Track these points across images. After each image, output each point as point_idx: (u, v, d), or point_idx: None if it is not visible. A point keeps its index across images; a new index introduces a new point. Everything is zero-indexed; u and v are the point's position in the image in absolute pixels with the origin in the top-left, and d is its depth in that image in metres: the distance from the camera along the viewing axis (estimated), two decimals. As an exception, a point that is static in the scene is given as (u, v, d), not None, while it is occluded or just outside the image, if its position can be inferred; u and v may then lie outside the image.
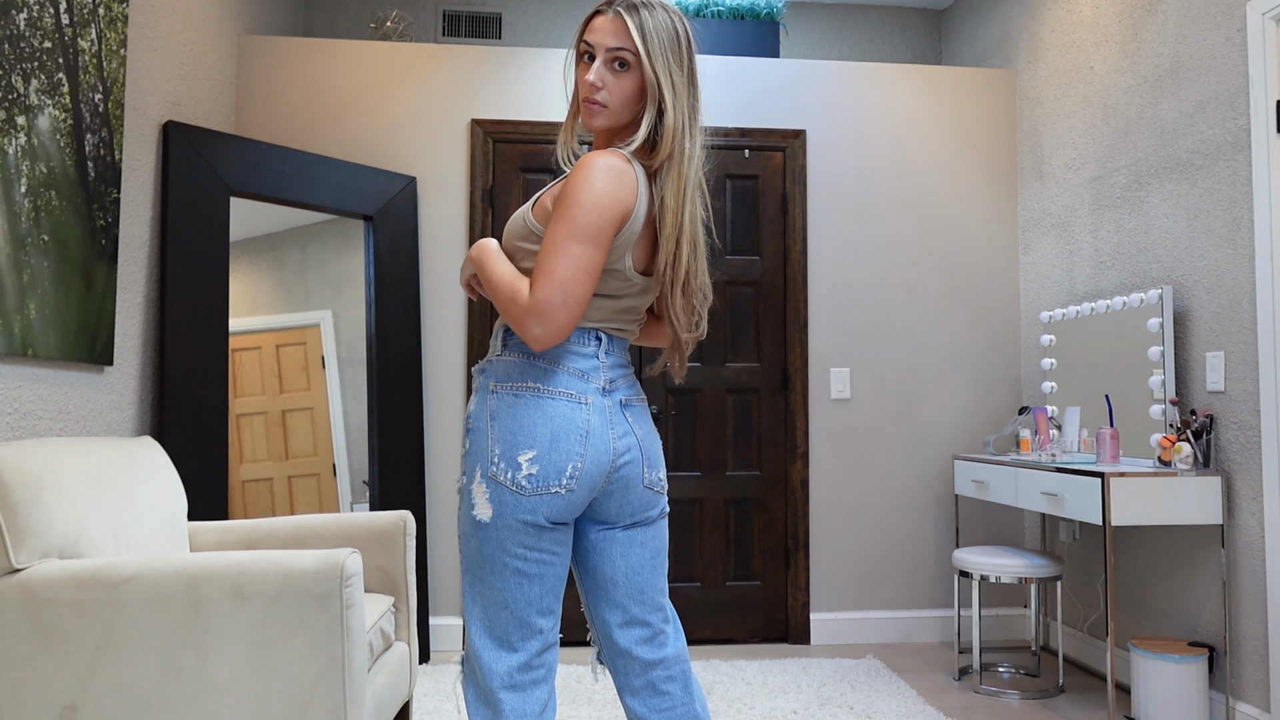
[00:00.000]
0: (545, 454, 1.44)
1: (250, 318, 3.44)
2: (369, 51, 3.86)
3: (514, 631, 1.47)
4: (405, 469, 3.61)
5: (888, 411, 3.99)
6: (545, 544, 1.47)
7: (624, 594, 1.56)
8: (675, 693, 1.56)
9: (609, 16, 1.50)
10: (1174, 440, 2.87)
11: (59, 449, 2.04)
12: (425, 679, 3.30)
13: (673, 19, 1.52)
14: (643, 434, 1.56)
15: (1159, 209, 3.17)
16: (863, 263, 4.02)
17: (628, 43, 1.48)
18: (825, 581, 3.92)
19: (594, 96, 1.50)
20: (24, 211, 2.31)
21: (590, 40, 1.51)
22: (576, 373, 1.49)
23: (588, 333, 1.52)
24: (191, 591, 1.83)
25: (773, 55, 4.11)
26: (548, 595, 1.49)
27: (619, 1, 1.51)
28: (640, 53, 1.48)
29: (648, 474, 1.56)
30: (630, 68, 1.50)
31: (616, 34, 1.49)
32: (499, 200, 3.88)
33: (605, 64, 1.50)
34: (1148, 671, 2.83)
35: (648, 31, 1.48)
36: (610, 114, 1.52)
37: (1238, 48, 2.82)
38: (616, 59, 1.49)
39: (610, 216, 1.43)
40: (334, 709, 1.84)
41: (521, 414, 1.46)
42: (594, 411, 1.48)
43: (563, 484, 1.45)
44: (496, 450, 1.46)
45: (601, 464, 1.48)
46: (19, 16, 2.27)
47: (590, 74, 1.49)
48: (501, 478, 1.45)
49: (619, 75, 1.50)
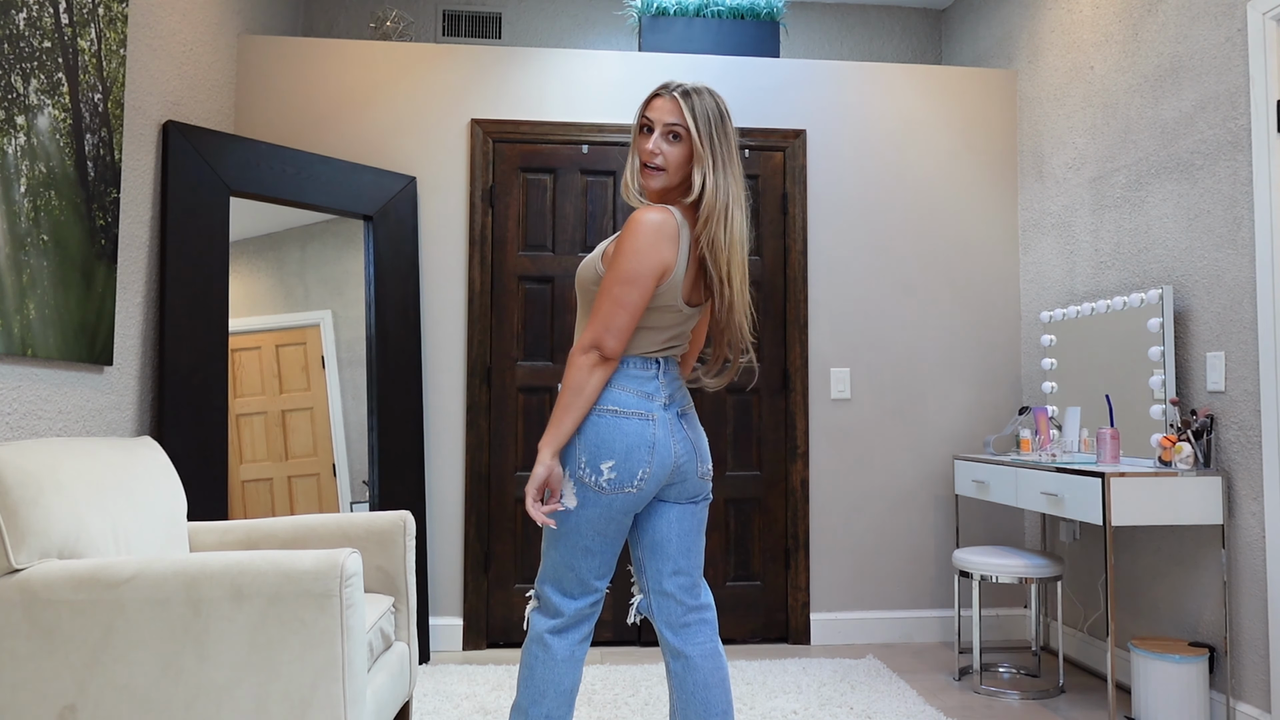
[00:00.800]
0: (622, 463, 1.85)
1: (250, 318, 3.44)
2: (369, 51, 3.86)
3: (575, 587, 1.92)
4: (405, 469, 3.61)
5: (888, 411, 3.99)
6: (612, 530, 1.89)
7: (676, 550, 1.97)
8: (706, 631, 1.98)
9: (666, 98, 1.88)
10: (1174, 440, 2.87)
11: (59, 449, 2.04)
12: (425, 679, 3.30)
13: (716, 101, 1.89)
14: (695, 437, 1.98)
15: (1159, 209, 3.17)
16: (863, 262, 4.02)
17: (680, 119, 1.86)
18: (825, 581, 3.92)
19: (653, 161, 1.87)
20: (24, 211, 2.31)
21: (650, 116, 1.88)
22: (643, 395, 1.89)
23: (649, 360, 1.91)
24: (191, 591, 1.83)
25: (773, 55, 4.11)
26: (604, 566, 1.92)
27: (674, 87, 1.88)
28: (690, 128, 1.85)
29: (700, 467, 1.98)
30: (681, 139, 1.87)
31: (672, 112, 1.86)
32: (499, 200, 3.88)
33: (662, 135, 1.87)
34: (1148, 671, 2.83)
35: (696, 111, 1.86)
36: (665, 177, 1.88)
37: (1238, 48, 2.82)
38: (671, 132, 1.87)
39: (650, 264, 1.80)
40: (334, 709, 1.84)
41: (604, 432, 1.85)
42: (659, 425, 1.88)
43: (634, 485, 1.86)
44: (583, 458, 1.85)
45: (665, 466, 1.89)
46: (19, 16, 2.27)
47: (649, 143, 1.87)
48: (587, 480, 1.85)
49: (673, 145, 1.87)
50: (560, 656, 1.91)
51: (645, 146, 1.87)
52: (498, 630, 3.79)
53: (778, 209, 4.00)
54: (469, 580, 3.75)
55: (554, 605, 1.92)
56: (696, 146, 1.85)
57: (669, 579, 1.97)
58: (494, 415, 3.82)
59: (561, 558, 1.90)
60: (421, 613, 3.55)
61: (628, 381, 1.88)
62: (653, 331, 1.90)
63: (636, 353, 1.90)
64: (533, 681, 1.92)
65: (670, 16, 4.09)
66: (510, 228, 3.88)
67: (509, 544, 3.81)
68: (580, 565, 1.90)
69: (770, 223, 3.99)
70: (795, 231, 3.97)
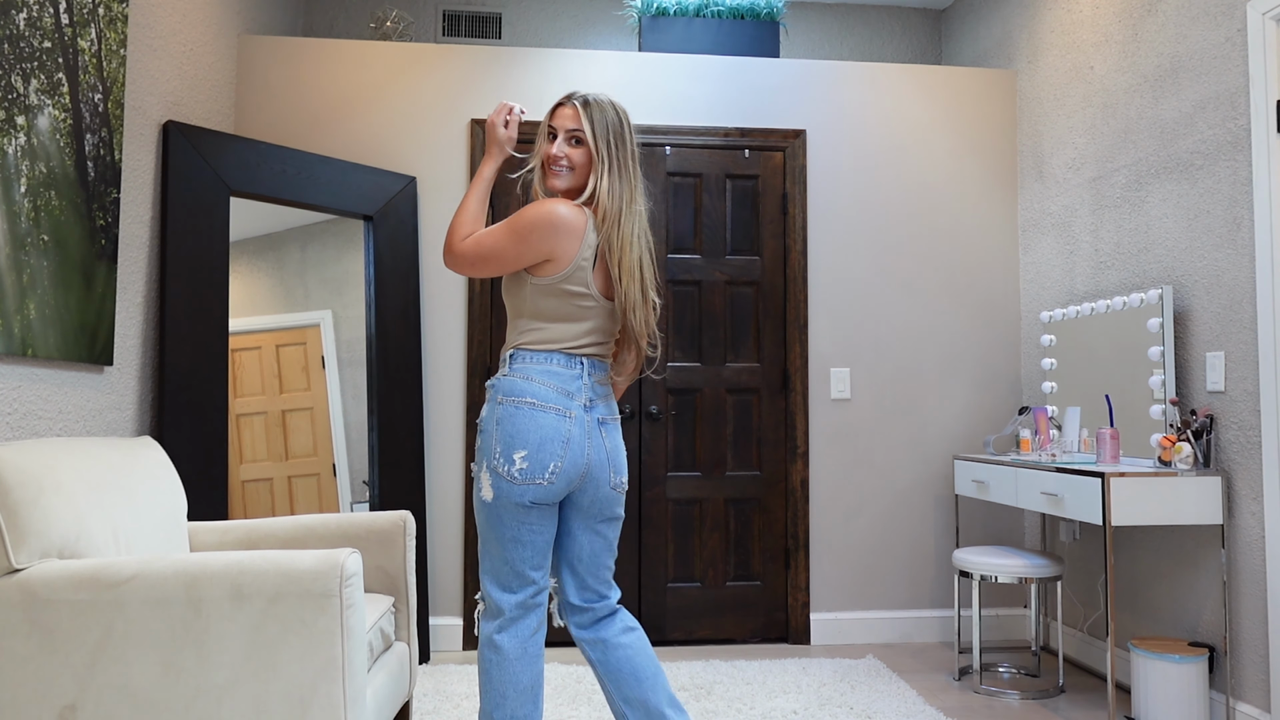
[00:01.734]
0: (534, 454, 1.94)
1: (250, 318, 3.44)
2: (369, 51, 3.86)
3: (513, 580, 2.01)
4: (405, 469, 3.61)
5: (888, 411, 3.99)
6: (532, 519, 1.98)
7: (585, 570, 2.10)
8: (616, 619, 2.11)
9: (568, 106, 2.05)
10: (1174, 440, 2.87)
11: (59, 449, 2.04)
12: (425, 679, 3.30)
13: (616, 112, 2.06)
14: (612, 447, 2.06)
15: (1159, 209, 3.17)
16: (863, 263, 4.02)
17: (579, 125, 2.03)
18: (825, 581, 3.92)
19: (557, 163, 2.04)
20: (24, 211, 2.31)
21: (554, 124, 2.05)
22: (563, 392, 1.99)
23: (573, 358, 2.02)
24: (191, 591, 1.83)
25: (773, 55, 4.11)
26: (537, 556, 2.01)
27: (577, 96, 2.05)
28: (588, 134, 2.02)
29: (613, 477, 2.06)
30: (582, 143, 2.04)
31: (573, 119, 2.04)
32: (498, 200, 3.88)
33: (565, 140, 2.04)
34: (1148, 671, 2.83)
35: (595, 119, 2.02)
36: (571, 176, 2.05)
37: (1238, 48, 2.82)
38: (573, 137, 2.04)
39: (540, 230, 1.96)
40: (334, 709, 1.84)
41: (520, 422, 1.96)
42: (575, 424, 1.98)
43: (545, 478, 1.95)
44: (499, 449, 1.96)
45: (577, 465, 1.99)
46: (19, 16, 2.27)
47: (554, 147, 2.04)
48: (501, 470, 1.95)
49: (574, 148, 2.04)
50: (512, 655, 1.99)
51: (550, 151, 2.04)
52: (498, 630, 3.79)
53: (778, 209, 4.00)
54: (469, 580, 3.75)
55: (495, 603, 2.01)
56: (593, 152, 2.02)
57: (577, 594, 2.11)
58: (494, 415, 3.82)
59: (494, 550, 2.01)
60: (421, 613, 3.55)
61: (549, 377, 1.99)
62: (569, 324, 2.02)
63: (558, 347, 2.01)
64: (491, 686, 1.99)
65: (670, 16, 4.09)
66: (510, 228, 3.88)
67: (509, 544, 3.80)
68: (512, 556, 1.99)
69: (770, 223, 3.99)
70: (795, 231, 3.97)
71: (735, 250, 3.98)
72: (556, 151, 2.03)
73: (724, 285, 3.96)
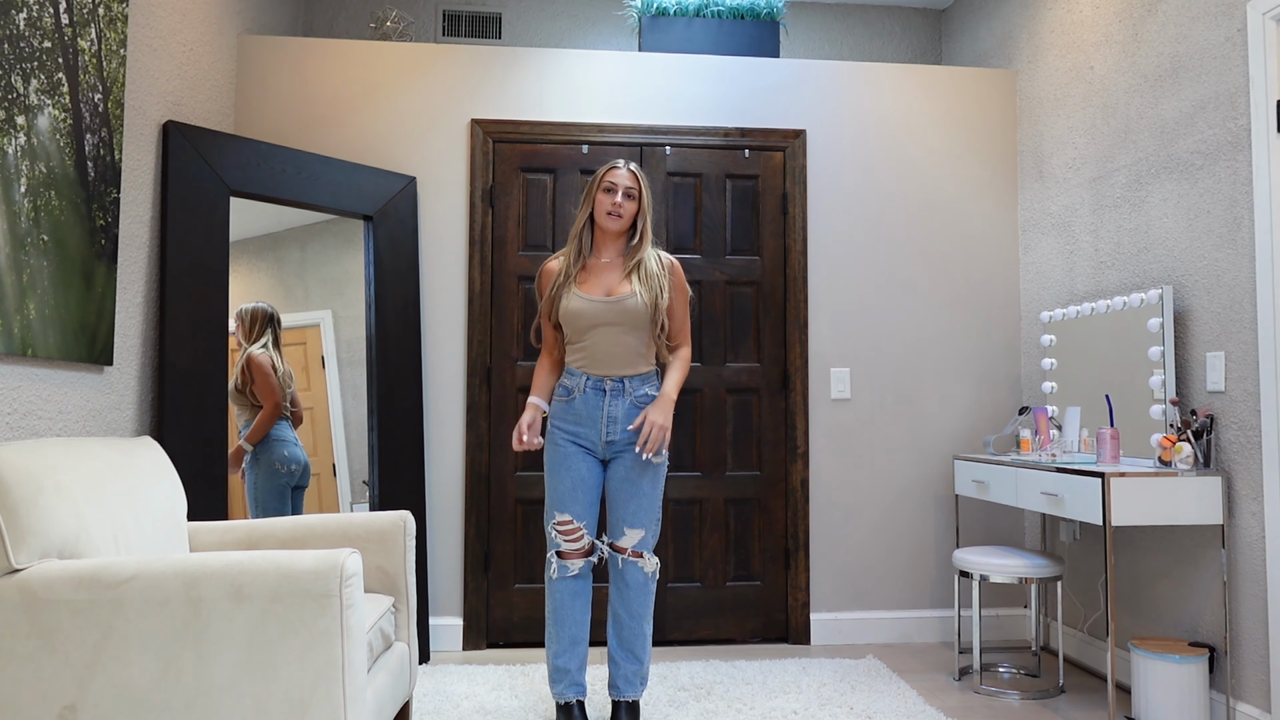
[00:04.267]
0: None
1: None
2: (369, 51, 3.86)
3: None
4: (405, 469, 3.61)
5: (888, 411, 3.99)
6: None
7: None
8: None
9: (624, 170, 2.78)
10: (1174, 440, 2.87)
11: (59, 449, 2.04)
12: (425, 679, 3.30)
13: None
14: None
15: (1159, 209, 3.17)
16: (863, 263, 4.02)
17: (636, 185, 2.79)
18: (825, 581, 3.92)
19: (619, 211, 2.75)
20: (24, 211, 2.31)
21: (614, 180, 2.76)
22: None
23: None
24: (191, 591, 1.83)
25: (773, 55, 4.11)
26: None
27: (628, 163, 2.80)
28: (642, 192, 2.80)
29: None
30: (634, 199, 2.78)
31: (631, 179, 2.78)
32: (499, 200, 3.88)
33: (624, 196, 2.76)
34: (1148, 671, 2.83)
35: (642, 181, 2.80)
36: (623, 222, 2.77)
37: (1238, 48, 2.82)
38: (629, 193, 2.77)
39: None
40: (334, 709, 1.84)
41: None
42: None
43: None
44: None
45: None
46: (19, 16, 2.27)
47: (617, 197, 2.75)
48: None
49: (630, 201, 2.78)
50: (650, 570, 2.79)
51: (615, 200, 2.74)
52: (498, 630, 3.79)
53: (778, 209, 4.00)
54: (469, 580, 3.75)
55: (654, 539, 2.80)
56: (644, 205, 2.79)
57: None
58: (494, 415, 3.82)
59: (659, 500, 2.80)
60: (421, 613, 3.55)
61: None
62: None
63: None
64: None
65: (670, 16, 4.09)
66: (510, 228, 3.88)
67: (509, 544, 3.81)
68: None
69: (770, 223, 3.99)
70: (795, 231, 3.97)
71: (735, 250, 3.98)
72: (621, 202, 2.74)
73: (724, 285, 3.96)
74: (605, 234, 2.79)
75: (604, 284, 2.76)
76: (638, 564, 2.72)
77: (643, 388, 2.76)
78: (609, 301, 2.72)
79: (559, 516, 2.71)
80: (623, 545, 2.73)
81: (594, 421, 2.72)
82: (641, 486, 2.71)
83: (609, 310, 2.71)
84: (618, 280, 2.76)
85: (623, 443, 2.73)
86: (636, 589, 2.73)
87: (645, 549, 2.73)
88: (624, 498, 2.72)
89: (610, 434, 2.73)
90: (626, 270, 2.75)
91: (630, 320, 2.72)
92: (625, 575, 2.73)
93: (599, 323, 2.72)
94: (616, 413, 2.72)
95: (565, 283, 2.77)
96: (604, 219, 2.75)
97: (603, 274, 2.78)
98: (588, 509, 2.72)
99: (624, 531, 2.72)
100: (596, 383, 2.73)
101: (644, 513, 2.72)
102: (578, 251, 2.79)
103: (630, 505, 2.71)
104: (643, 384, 2.76)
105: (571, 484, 2.71)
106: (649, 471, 2.72)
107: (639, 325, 2.73)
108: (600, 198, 2.75)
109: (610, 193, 2.75)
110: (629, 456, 2.72)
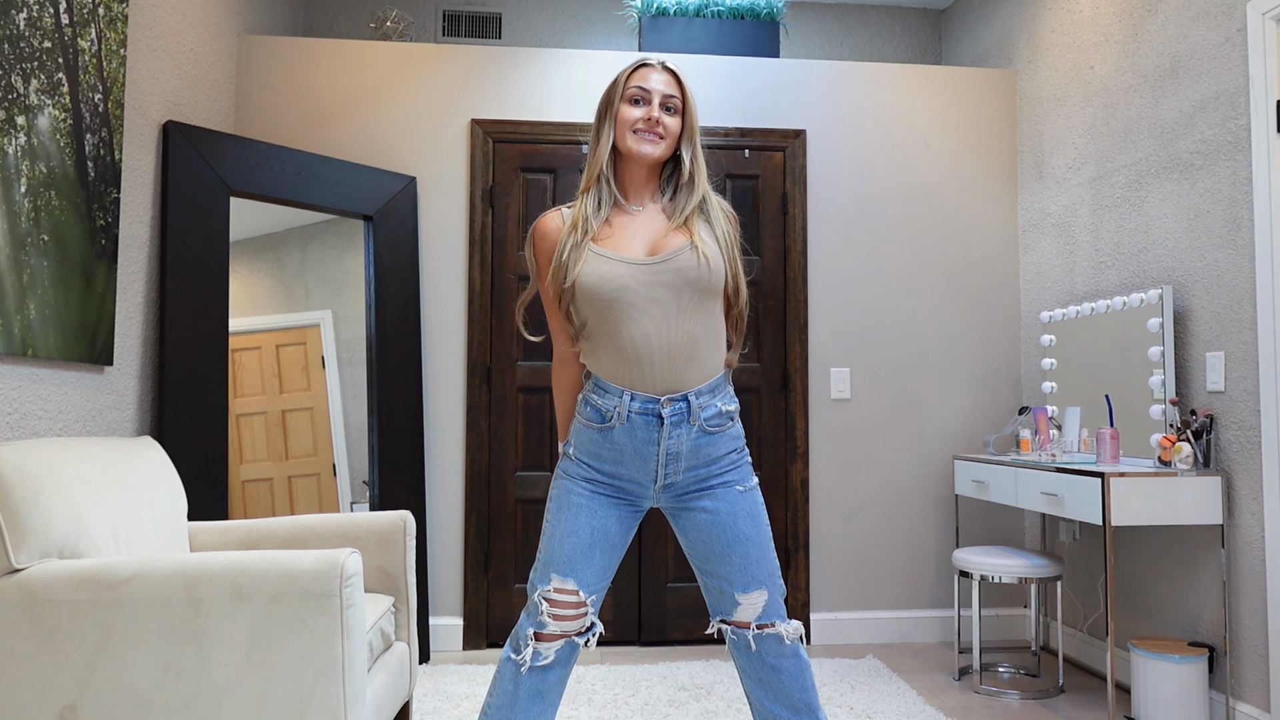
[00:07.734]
0: None
1: (250, 318, 3.44)
2: (369, 51, 3.86)
3: None
4: (405, 469, 3.61)
5: (888, 411, 3.99)
6: None
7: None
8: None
9: (659, 70, 1.85)
10: (1174, 440, 2.87)
11: (59, 449, 2.04)
12: (425, 679, 3.30)
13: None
14: None
15: (1159, 209, 3.17)
16: (863, 263, 4.02)
17: (679, 93, 1.86)
18: (825, 581, 3.92)
19: (655, 129, 1.82)
20: (24, 211, 2.31)
21: (645, 86, 1.83)
22: None
23: None
24: (191, 591, 1.83)
25: (773, 55, 4.11)
26: None
27: (661, 60, 1.86)
28: (688, 103, 1.86)
29: None
30: (676, 113, 1.85)
31: (670, 84, 1.85)
32: (499, 200, 3.88)
33: (661, 106, 1.84)
34: (1148, 671, 2.83)
35: (687, 89, 1.87)
36: (665, 146, 1.84)
37: (1238, 47, 2.82)
38: (668, 105, 1.84)
39: None
40: (334, 709, 1.84)
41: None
42: None
43: None
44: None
45: None
46: (19, 16, 2.27)
47: (652, 110, 1.82)
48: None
49: (673, 117, 1.85)
50: None
51: (649, 114, 1.81)
52: (498, 630, 3.79)
53: (778, 209, 4.00)
54: (469, 580, 3.75)
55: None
56: (691, 122, 1.87)
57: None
58: (494, 415, 3.82)
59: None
60: (421, 613, 3.55)
61: None
62: None
63: None
64: None
65: (670, 16, 4.09)
66: (510, 228, 3.88)
67: (509, 544, 3.81)
68: None
69: (770, 223, 3.99)
70: (795, 231, 3.97)
71: (735, 250, 3.97)
72: (657, 115, 1.81)
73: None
74: (635, 168, 1.86)
75: (642, 238, 1.83)
76: (776, 638, 1.82)
77: (714, 403, 1.82)
78: (653, 263, 1.78)
79: (556, 583, 1.77)
80: (743, 620, 1.82)
81: (644, 459, 1.80)
82: (741, 529, 1.81)
83: (656, 275, 1.77)
84: (663, 231, 1.83)
85: (690, 483, 1.83)
86: (790, 676, 1.82)
87: (777, 617, 1.82)
88: (720, 554, 1.82)
89: (670, 475, 1.81)
90: (681, 217, 1.83)
91: (692, 289, 1.78)
92: (765, 658, 1.82)
93: (640, 299, 1.77)
94: (679, 447, 1.79)
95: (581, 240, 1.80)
96: (632, 143, 1.82)
97: (637, 227, 1.84)
98: (601, 575, 1.81)
99: (737, 601, 1.82)
100: (647, 404, 1.78)
101: (756, 565, 1.81)
102: (596, 199, 1.85)
103: (735, 562, 1.81)
104: (713, 397, 1.82)
105: (590, 538, 1.79)
106: (743, 506, 1.82)
107: (706, 297, 1.80)
108: (625, 111, 1.83)
109: (640, 104, 1.83)
110: (712, 498, 1.82)
